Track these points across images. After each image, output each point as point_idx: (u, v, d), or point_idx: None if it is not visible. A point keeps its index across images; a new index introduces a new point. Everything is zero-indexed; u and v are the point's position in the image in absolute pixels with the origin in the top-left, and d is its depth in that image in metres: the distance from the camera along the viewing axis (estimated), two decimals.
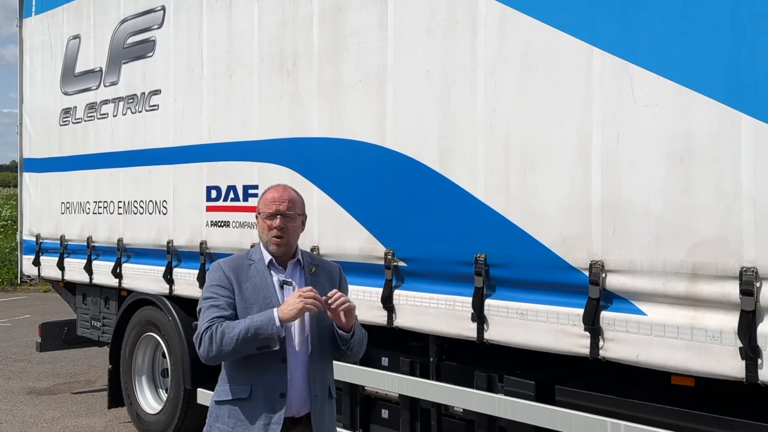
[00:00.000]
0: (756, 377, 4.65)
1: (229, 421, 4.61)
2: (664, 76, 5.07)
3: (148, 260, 9.69)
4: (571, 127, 5.55)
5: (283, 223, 4.66)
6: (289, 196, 4.74)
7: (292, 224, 4.72)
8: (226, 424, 4.61)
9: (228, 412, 4.63)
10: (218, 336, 4.45)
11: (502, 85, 5.97)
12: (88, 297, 11.40)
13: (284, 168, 7.76)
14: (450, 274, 6.37)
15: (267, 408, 4.56)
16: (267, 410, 4.56)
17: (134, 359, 10.28)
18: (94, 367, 14.27)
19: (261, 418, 4.55)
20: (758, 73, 4.68)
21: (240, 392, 4.61)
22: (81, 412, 11.35)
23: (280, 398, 4.57)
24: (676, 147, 5.00)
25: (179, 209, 9.20)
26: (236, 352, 4.48)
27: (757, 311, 4.65)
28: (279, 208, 4.67)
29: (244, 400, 4.59)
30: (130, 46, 10.05)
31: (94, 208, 10.62)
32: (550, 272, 5.70)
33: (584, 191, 5.47)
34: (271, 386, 4.57)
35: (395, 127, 6.74)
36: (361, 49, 7.05)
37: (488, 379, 6.37)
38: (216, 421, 4.67)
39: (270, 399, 4.57)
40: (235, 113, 8.43)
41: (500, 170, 5.98)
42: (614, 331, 5.32)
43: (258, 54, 8.14)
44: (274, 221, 4.66)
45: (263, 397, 4.57)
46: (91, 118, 10.76)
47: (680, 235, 4.99)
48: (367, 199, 6.99)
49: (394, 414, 7.21)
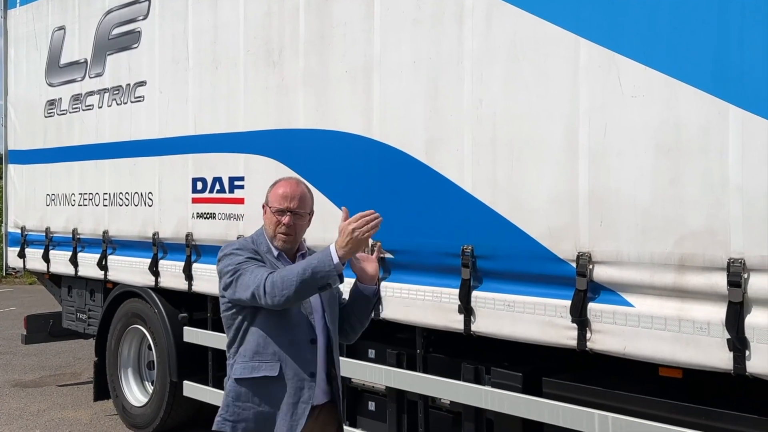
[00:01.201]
0: (744, 369, 4.65)
1: (254, 399, 4.49)
2: (652, 66, 5.06)
3: (134, 252, 9.66)
4: (559, 119, 5.54)
5: (292, 221, 4.62)
6: (300, 193, 4.68)
7: (301, 222, 4.69)
8: (251, 401, 4.49)
9: (253, 390, 4.50)
10: (278, 280, 4.27)
11: (489, 76, 5.95)
12: (74, 289, 11.37)
13: (270, 159, 7.74)
14: (437, 265, 6.35)
15: (296, 387, 4.49)
16: (296, 389, 4.49)
17: (120, 352, 10.26)
18: (79, 360, 14.25)
19: (290, 396, 4.48)
20: (745, 64, 4.67)
21: (267, 369, 4.49)
22: (66, 405, 11.32)
23: (310, 378, 4.51)
24: (663, 138, 4.98)
25: (165, 201, 9.17)
26: (299, 293, 4.29)
27: (745, 302, 4.64)
28: (290, 206, 4.62)
29: (272, 378, 4.48)
30: (115, 37, 10.00)
31: (79, 200, 10.58)
32: (537, 264, 5.69)
33: (571, 182, 5.45)
34: (303, 365, 4.50)
35: (382, 119, 6.72)
36: (347, 40, 7.02)
37: (475, 371, 6.36)
38: (236, 399, 4.53)
39: (300, 378, 4.49)
40: (221, 105, 8.40)
41: (487, 162, 5.96)
42: (601, 322, 5.31)
43: (244, 45, 8.11)
44: (283, 218, 4.61)
45: (293, 375, 4.49)
46: (76, 110, 10.72)
47: (668, 226, 4.98)
48: (353, 190, 6.96)
49: (381, 406, 7.20)
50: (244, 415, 4.49)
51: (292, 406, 4.47)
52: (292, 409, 4.47)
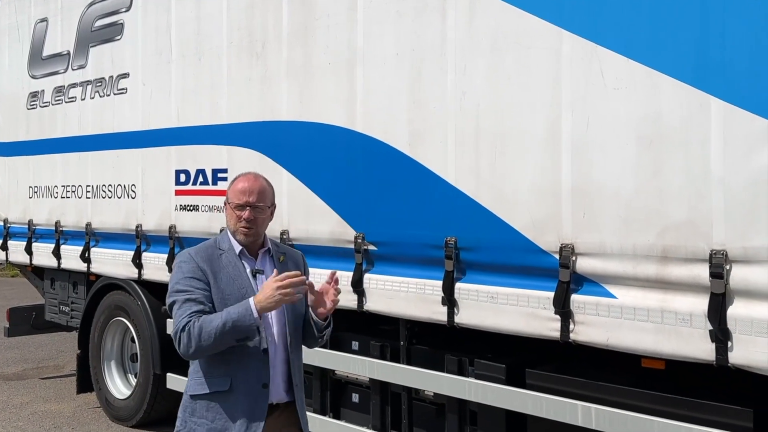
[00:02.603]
0: (726, 360, 4.66)
1: (207, 414, 4.49)
2: (634, 59, 5.07)
3: (117, 245, 9.63)
4: (541, 111, 5.54)
5: (253, 215, 4.61)
6: (259, 187, 4.67)
7: (262, 216, 4.67)
8: (205, 417, 4.49)
9: (206, 406, 4.50)
10: (196, 331, 4.31)
11: (472, 68, 5.96)
12: (57, 282, 11.34)
13: (253, 151, 7.73)
14: (420, 257, 6.36)
15: (249, 400, 4.47)
16: (249, 402, 4.47)
17: (103, 344, 10.23)
18: (62, 352, 14.21)
19: (243, 411, 4.46)
20: (727, 56, 4.68)
21: (219, 384, 4.49)
22: (49, 398, 11.30)
23: (263, 389, 4.50)
24: (645, 130, 5.00)
25: (148, 193, 9.15)
26: (216, 346, 4.35)
27: (727, 294, 4.66)
28: (249, 200, 4.61)
29: (224, 393, 4.48)
30: (98, 29, 9.97)
31: (62, 192, 10.56)
32: (520, 255, 5.70)
33: (554, 174, 5.47)
34: (254, 377, 4.49)
35: (365, 111, 6.72)
36: (330, 32, 7.02)
37: (459, 362, 6.37)
38: (192, 415, 4.54)
39: (252, 391, 4.48)
40: (204, 96, 8.39)
41: (470, 153, 5.97)
42: (584, 314, 5.33)
43: (227, 37, 8.10)
44: (243, 212, 4.60)
45: (244, 389, 4.47)
46: (59, 102, 10.69)
47: (650, 218, 4.99)
48: (337, 182, 6.96)
49: (365, 398, 7.20)
50: (199, 431, 4.51)
51: (247, 420, 4.46)
52: (246, 422, 4.46)
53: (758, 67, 4.57)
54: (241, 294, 4.51)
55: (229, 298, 4.49)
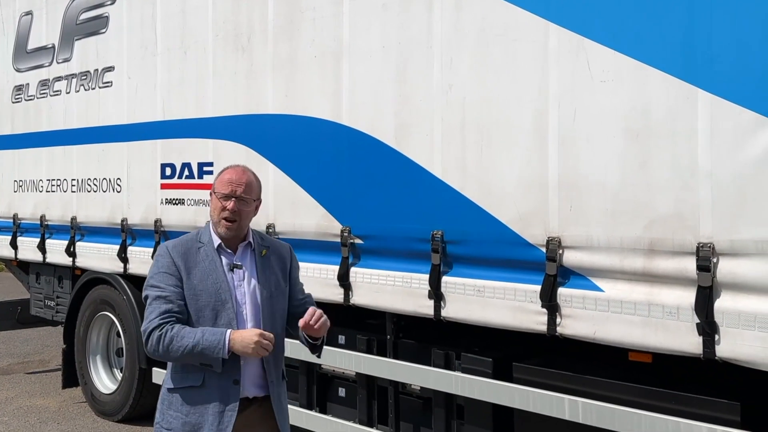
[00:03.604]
0: (713, 353, 4.66)
1: (182, 408, 4.54)
2: (621, 51, 5.06)
3: (102, 239, 9.61)
4: (528, 104, 5.53)
5: (237, 206, 4.59)
6: (247, 180, 4.66)
7: (246, 209, 4.65)
8: (180, 411, 4.54)
9: (181, 400, 4.55)
10: (167, 341, 4.39)
11: (459, 61, 5.94)
12: (42, 276, 11.30)
13: (239, 145, 7.71)
14: (407, 251, 6.35)
15: (221, 395, 4.50)
16: (221, 397, 4.50)
17: (88, 339, 10.19)
18: (48, 347, 14.17)
19: (215, 405, 4.49)
20: (714, 48, 4.68)
21: (193, 380, 4.53)
22: (35, 393, 11.26)
23: (234, 385, 4.52)
24: (632, 123, 4.99)
25: (133, 187, 9.12)
26: (180, 360, 4.49)
27: (714, 287, 4.66)
28: (235, 191, 4.59)
29: (197, 388, 4.52)
30: (83, 22, 9.93)
31: (47, 186, 10.52)
32: (507, 249, 5.69)
33: (541, 167, 5.45)
34: (225, 373, 4.50)
35: (351, 104, 6.70)
36: (316, 25, 6.99)
37: (446, 356, 6.36)
38: (169, 408, 4.59)
39: (224, 386, 4.51)
40: (190, 90, 8.36)
41: (457, 147, 5.95)
42: (571, 307, 5.32)
43: (212, 30, 8.06)
44: (228, 203, 4.58)
45: (217, 384, 4.50)
46: (44, 95, 10.65)
47: (637, 211, 4.99)
48: (323, 176, 6.95)
49: (351, 392, 7.19)
50: (174, 424, 4.56)
51: (219, 415, 4.49)
52: (218, 417, 4.49)
53: (745, 60, 4.57)
54: (215, 289, 4.54)
55: (201, 294, 4.53)
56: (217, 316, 4.53)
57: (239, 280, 4.60)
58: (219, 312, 4.53)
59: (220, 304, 4.54)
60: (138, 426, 9.55)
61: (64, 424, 9.81)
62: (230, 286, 4.56)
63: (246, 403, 4.59)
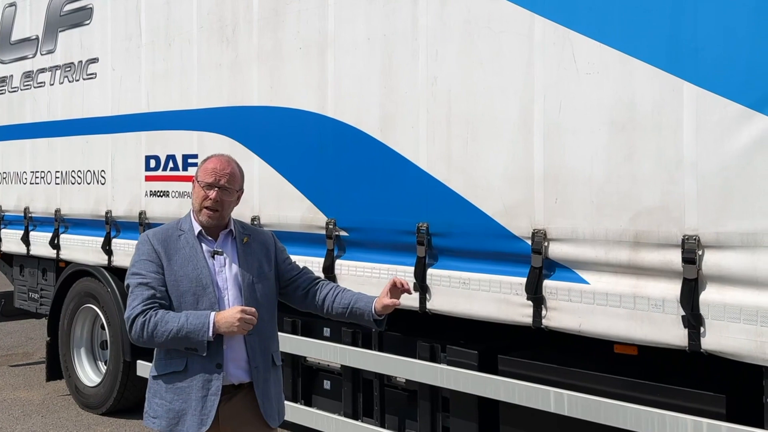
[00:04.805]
0: (698, 345, 4.66)
1: (166, 395, 4.55)
2: (606, 43, 5.05)
3: (87, 231, 9.58)
4: (513, 96, 5.52)
5: (219, 196, 4.60)
6: (230, 170, 4.68)
7: (228, 198, 4.67)
8: (164, 398, 4.55)
9: (165, 386, 4.56)
10: (151, 326, 4.41)
11: (444, 53, 5.93)
12: (26, 268, 11.26)
13: (224, 137, 7.68)
14: (392, 243, 6.34)
15: (204, 380, 4.51)
16: (204, 382, 4.51)
17: (73, 331, 10.16)
18: (32, 340, 14.12)
19: (198, 390, 4.50)
20: (699, 41, 4.67)
21: (176, 365, 4.54)
22: (19, 385, 11.21)
23: (217, 369, 4.52)
24: (618, 115, 4.98)
25: (118, 179, 9.09)
26: (165, 346, 4.51)
27: (699, 279, 4.66)
28: (219, 180, 4.60)
29: (180, 373, 4.53)
30: (67, 13, 9.90)
31: (31, 178, 10.48)
32: (492, 241, 5.68)
33: (526, 160, 5.44)
34: (208, 358, 4.50)
35: (336, 96, 6.69)
36: (301, 17, 6.97)
37: (431, 349, 6.34)
38: (154, 396, 4.62)
39: (206, 371, 4.51)
40: (174, 82, 8.33)
41: (442, 139, 5.94)
42: (557, 300, 5.32)
43: (197, 21, 8.04)
44: (210, 192, 4.59)
45: (200, 369, 4.51)
46: (27, 87, 10.61)
47: (622, 203, 4.98)
48: (308, 168, 6.93)
49: (336, 385, 7.18)
50: (159, 412, 4.58)
51: (202, 400, 4.51)
52: (201, 402, 4.51)
53: (731, 52, 4.56)
54: (196, 275, 4.56)
55: (182, 280, 4.55)
56: (198, 301, 4.55)
57: (220, 266, 4.62)
58: (200, 297, 4.55)
59: (201, 289, 4.55)
60: (122, 419, 9.51)
61: (48, 416, 9.78)
62: (211, 272, 4.58)
63: (232, 390, 4.61)
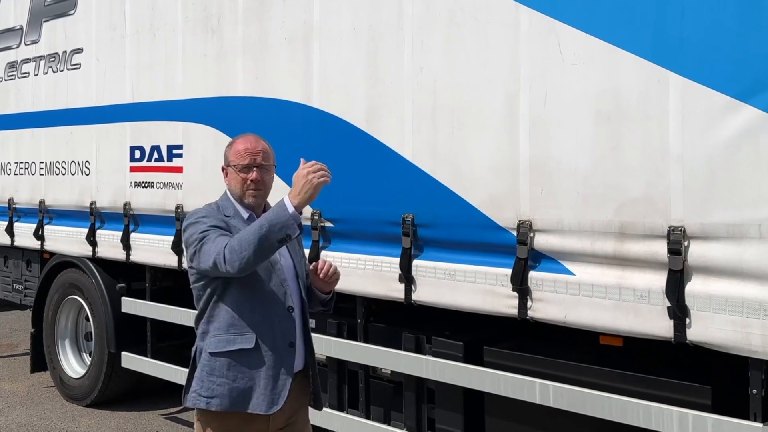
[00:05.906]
0: (684, 337, 4.66)
1: (228, 374, 4.36)
2: (592, 34, 5.04)
3: (71, 222, 9.55)
4: (499, 86, 5.51)
5: (260, 175, 4.52)
6: (262, 147, 4.59)
7: (268, 176, 4.59)
8: (225, 377, 4.36)
9: (227, 365, 4.37)
10: (236, 245, 4.13)
11: (430, 43, 5.91)
12: (10, 259, 11.23)
13: (209, 128, 7.66)
14: (377, 234, 6.32)
15: (275, 359, 4.39)
16: (275, 361, 4.39)
17: (57, 323, 10.13)
18: (16, 331, 14.08)
19: (268, 370, 4.37)
20: (685, 31, 4.66)
21: (243, 342, 4.37)
22: (3, 377, 11.18)
23: (290, 348, 4.43)
24: (603, 106, 4.97)
25: (102, 170, 9.06)
26: (259, 252, 4.14)
27: (685, 270, 4.66)
28: (256, 160, 4.51)
29: (247, 351, 4.36)
30: (51, 3, 9.86)
31: (15, 168, 10.45)
32: (478, 232, 5.67)
33: (512, 151, 5.43)
34: (280, 335, 4.40)
35: (322, 86, 6.66)
36: (287, 7, 6.95)
37: (416, 340, 6.34)
38: (210, 374, 4.40)
39: (278, 349, 4.40)
40: (159, 72, 8.31)
41: (428, 130, 5.93)
42: (542, 291, 5.31)
43: (182, 12, 8.01)
44: (250, 174, 4.49)
45: (271, 346, 4.38)
46: (11, 78, 10.58)
47: (608, 194, 4.97)
48: (293, 159, 6.86)
49: (322, 377, 7.15)
50: (218, 391, 4.37)
51: (272, 379, 4.37)
52: (272, 381, 4.37)
53: (717, 42, 4.55)
54: None
55: None
56: (270, 278, 4.44)
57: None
58: (270, 273, 4.44)
59: (271, 265, 4.43)
60: (107, 410, 9.50)
61: (33, 408, 9.76)
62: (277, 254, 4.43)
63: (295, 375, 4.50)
